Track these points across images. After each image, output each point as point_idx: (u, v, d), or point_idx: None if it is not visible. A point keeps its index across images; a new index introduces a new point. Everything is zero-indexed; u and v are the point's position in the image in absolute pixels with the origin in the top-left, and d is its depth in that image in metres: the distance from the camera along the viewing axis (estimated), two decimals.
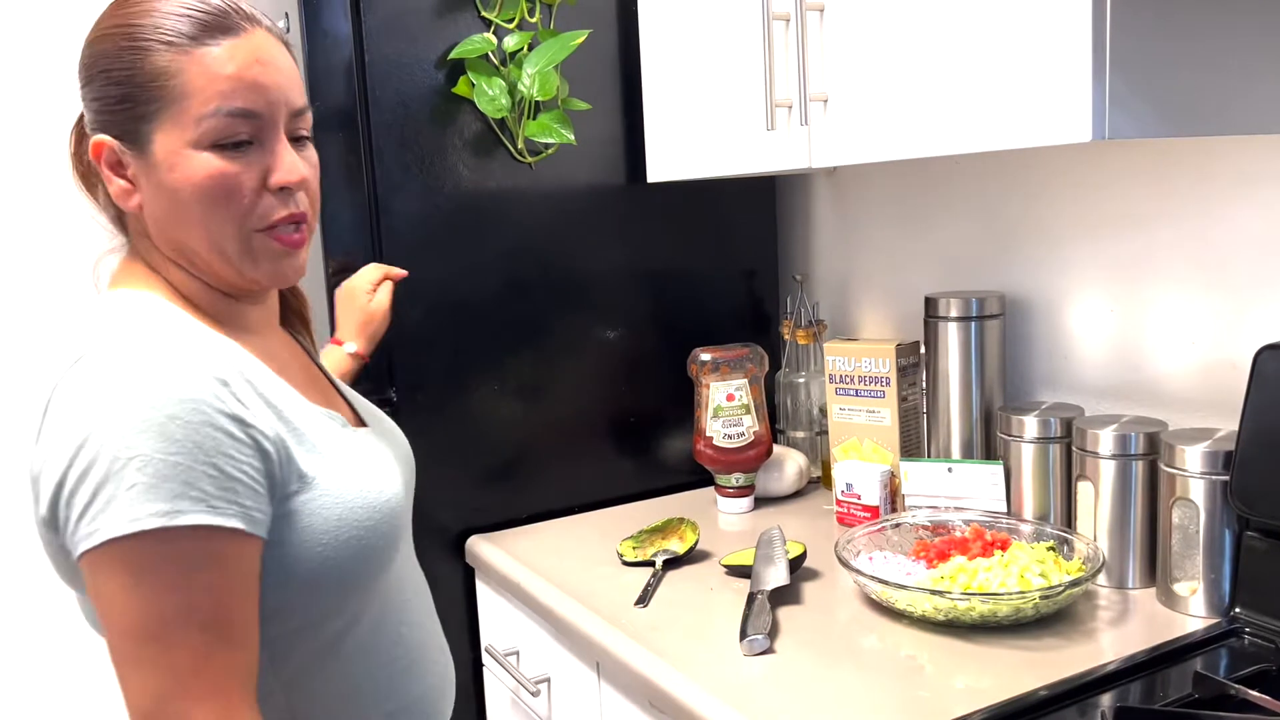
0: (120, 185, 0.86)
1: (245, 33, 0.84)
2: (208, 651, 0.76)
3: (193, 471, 0.75)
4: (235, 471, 0.77)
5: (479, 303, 1.57)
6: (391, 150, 1.48)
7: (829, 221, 1.82)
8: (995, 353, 1.45)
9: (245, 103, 0.83)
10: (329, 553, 0.83)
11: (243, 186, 0.85)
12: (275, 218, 0.86)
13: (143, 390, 0.76)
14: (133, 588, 0.75)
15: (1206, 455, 1.13)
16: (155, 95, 0.82)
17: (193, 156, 0.83)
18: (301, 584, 0.83)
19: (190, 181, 0.83)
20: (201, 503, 0.75)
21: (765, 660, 1.12)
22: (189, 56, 0.82)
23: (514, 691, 1.50)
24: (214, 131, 0.82)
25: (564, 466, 1.66)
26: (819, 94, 1.23)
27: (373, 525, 0.87)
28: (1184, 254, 1.28)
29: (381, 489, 0.89)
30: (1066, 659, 1.07)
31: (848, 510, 1.51)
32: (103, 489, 0.74)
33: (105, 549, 0.74)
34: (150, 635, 0.75)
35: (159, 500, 0.74)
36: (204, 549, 0.76)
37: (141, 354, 0.78)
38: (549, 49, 1.50)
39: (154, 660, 0.75)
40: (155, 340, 0.80)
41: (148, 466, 0.74)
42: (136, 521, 0.73)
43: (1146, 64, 0.96)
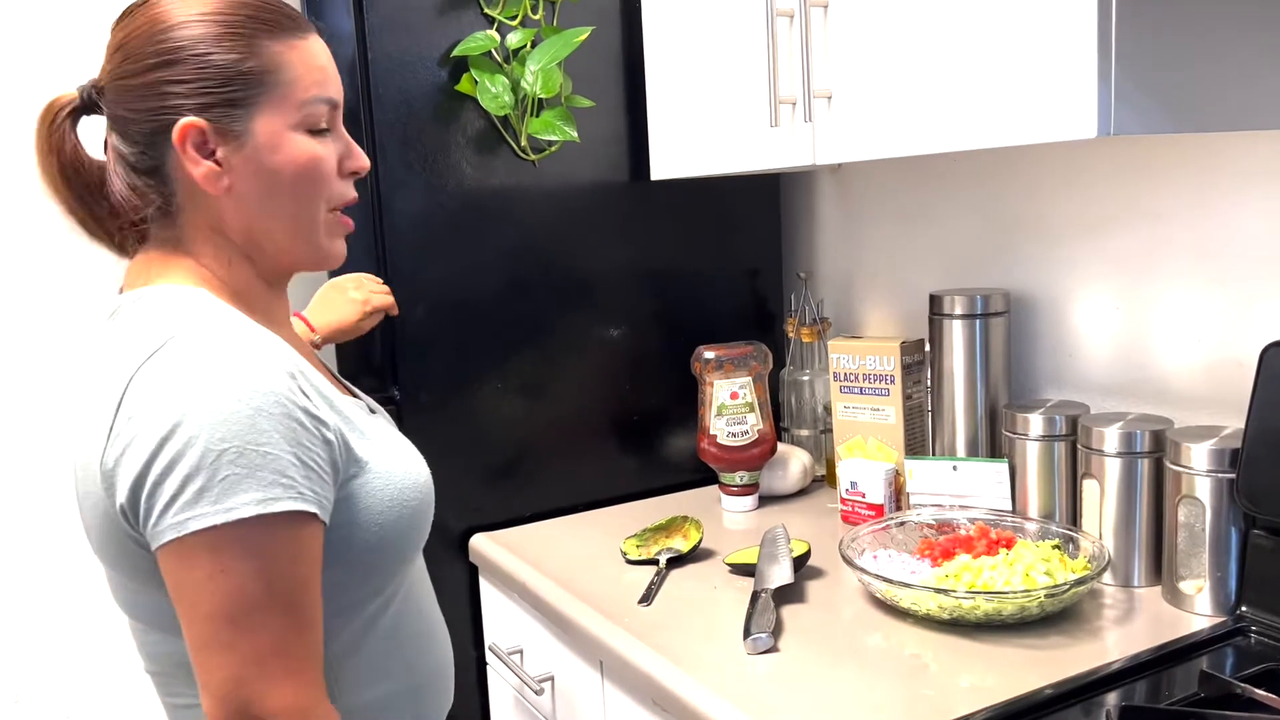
0: (209, 167, 0.88)
1: (313, 33, 0.94)
2: (287, 634, 0.79)
3: (281, 460, 0.79)
4: (310, 460, 0.81)
5: (482, 301, 1.56)
6: (394, 148, 1.48)
7: (833, 219, 1.82)
8: (1000, 350, 1.44)
9: (334, 93, 0.92)
10: (384, 532, 0.89)
11: (332, 169, 0.93)
12: (348, 199, 0.96)
13: (228, 383, 0.78)
14: (220, 574, 0.77)
15: (1213, 453, 1.13)
16: (261, 80, 0.87)
17: (294, 138, 0.89)
18: (356, 564, 0.88)
19: (294, 161, 0.89)
20: (291, 489, 0.79)
21: (769, 659, 1.11)
22: (291, 48, 0.89)
23: (518, 690, 1.50)
24: (312, 117, 0.90)
25: (567, 465, 1.66)
26: (823, 90, 1.23)
27: (418, 502, 0.93)
28: (1190, 251, 1.28)
29: (420, 468, 0.96)
30: (1072, 658, 1.07)
31: (852, 508, 1.50)
32: (193, 479, 0.77)
33: (195, 537, 0.77)
34: (233, 619, 0.78)
35: (254, 489, 0.77)
36: (289, 535, 0.79)
37: (221, 348, 0.81)
38: (552, 46, 1.49)
39: (235, 644, 0.78)
40: (231, 334, 0.83)
41: (241, 458, 0.77)
42: (232, 511, 0.76)
43: (1152, 60, 0.95)
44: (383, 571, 0.92)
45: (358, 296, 1.41)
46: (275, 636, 0.79)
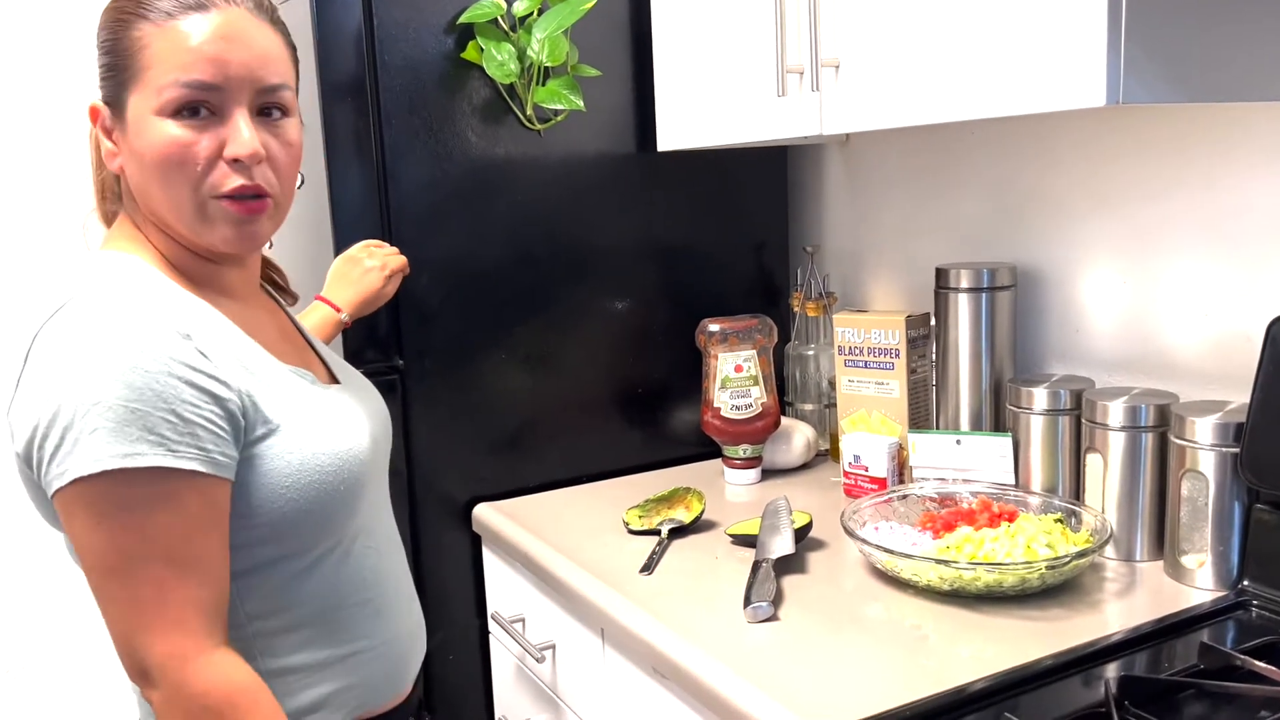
0: (108, 148, 0.92)
1: (218, 9, 0.89)
2: (167, 584, 0.82)
3: (151, 417, 0.81)
4: (194, 416, 0.83)
5: (486, 271, 1.56)
6: (400, 116, 1.47)
7: (840, 193, 1.81)
8: (1006, 325, 1.43)
9: (203, 75, 0.87)
10: (291, 494, 0.89)
11: (198, 155, 0.88)
12: (229, 187, 0.90)
13: (108, 341, 0.81)
14: (96, 526, 0.81)
15: (1217, 427, 1.12)
16: (130, 64, 0.88)
17: (155, 123, 0.88)
18: (265, 523, 0.89)
19: (151, 146, 0.88)
20: (160, 446, 0.81)
21: (769, 627, 1.12)
22: (160, 29, 0.87)
23: (519, 658, 1.50)
24: (172, 101, 0.87)
25: (571, 436, 1.66)
26: (830, 59, 1.22)
27: (334, 471, 0.92)
28: (1198, 225, 1.27)
29: (345, 439, 0.94)
30: (1072, 629, 1.07)
31: (855, 482, 1.50)
32: (69, 432, 0.80)
33: (72, 488, 0.81)
34: (113, 569, 0.82)
35: (119, 443, 0.80)
36: (162, 489, 0.82)
37: (110, 309, 0.84)
38: (559, 13, 1.48)
39: (118, 594, 0.82)
40: (125, 297, 0.86)
41: (109, 412, 0.80)
42: (98, 462, 0.80)
43: (1162, 29, 0.94)
44: (299, 535, 0.91)
45: (375, 264, 1.41)
46: (154, 587, 0.81)
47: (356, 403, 1.01)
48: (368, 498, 0.98)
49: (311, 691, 0.94)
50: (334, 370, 1.07)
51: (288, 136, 0.93)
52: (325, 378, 1.04)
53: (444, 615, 1.59)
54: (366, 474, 0.96)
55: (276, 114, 0.92)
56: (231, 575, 0.88)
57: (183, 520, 0.82)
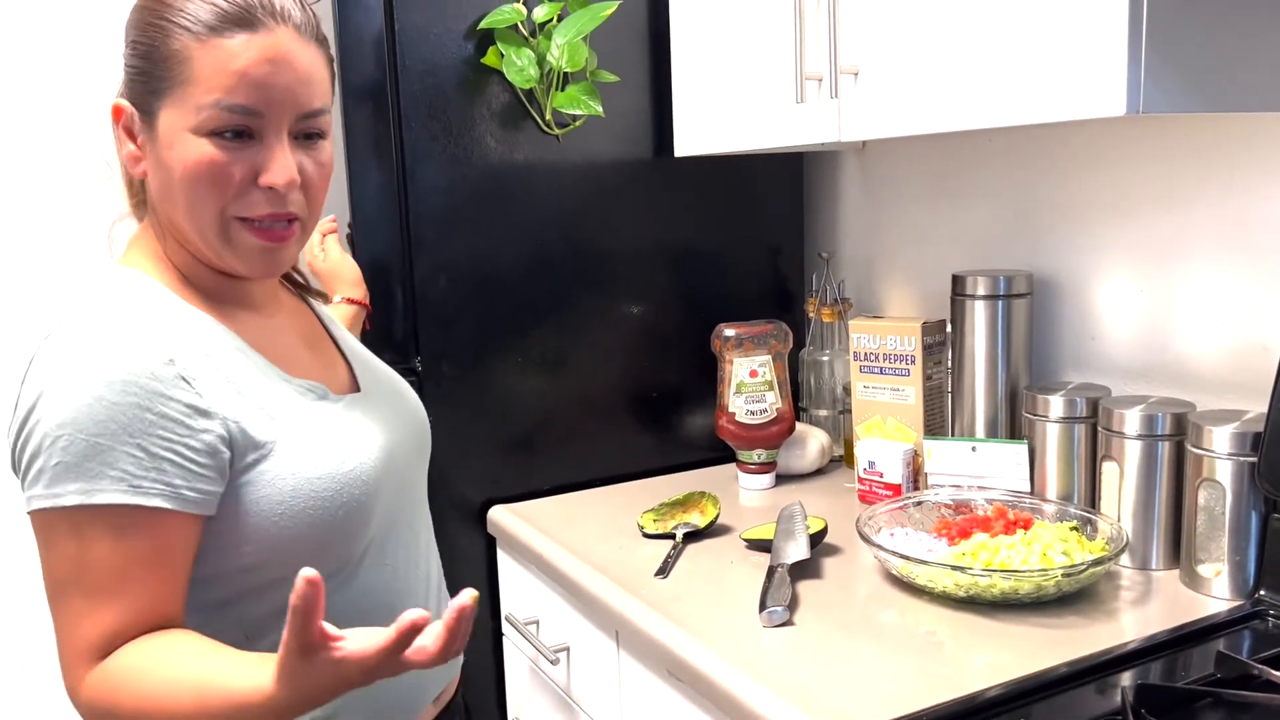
0: (130, 150, 0.90)
1: (265, 29, 0.85)
2: (82, 616, 0.81)
3: (114, 453, 0.80)
4: (163, 451, 0.81)
5: (504, 274, 1.57)
6: (420, 120, 1.48)
7: (856, 199, 1.81)
8: (1022, 332, 1.44)
9: (246, 99, 0.84)
10: (285, 521, 0.87)
11: (231, 177, 0.86)
12: (259, 213, 0.88)
13: (81, 370, 0.81)
14: (44, 554, 0.83)
15: (1235, 436, 1.12)
16: (166, 75, 0.85)
17: (190, 140, 0.85)
18: (259, 549, 0.87)
19: (182, 162, 0.86)
20: (122, 481, 0.80)
21: (784, 632, 1.12)
22: (203, 45, 0.84)
23: (533, 660, 1.51)
24: (211, 121, 0.84)
25: (586, 440, 1.66)
26: (850, 67, 1.23)
27: (331, 495, 0.89)
28: (1216, 233, 1.27)
29: (346, 458, 0.91)
30: (1087, 637, 1.07)
31: (869, 488, 1.51)
32: (35, 461, 0.81)
33: (32, 516, 0.82)
34: (50, 597, 0.84)
35: (79, 479, 0.79)
36: (116, 523, 0.81)
37: (92, 334, 0.83)
38: (578, 20, 1.49)
39: (54, 620, 0.83)
40: (111, 321, 0.85)
41: (72, 446, 0.79)
42: (58, 498, 0.80)
43: (1183, 37, 0.94)
44: (295, 560, 0.84)
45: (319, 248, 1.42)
46: (70, 619, 0.82)
47: (374, 412, 0.98)
48: (377, 516, 0.94)
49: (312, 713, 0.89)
50: (359, 374, 1.03)
51: (321, 158, 0.91)
52: (346, 384, 1.01)
53: None
54: (373, 493, 0.93)
55: (316, 137, 0.90)
56: (229, 599, 0.88)
57: (125, 555, 0.81)
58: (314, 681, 0.73)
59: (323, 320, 1.08)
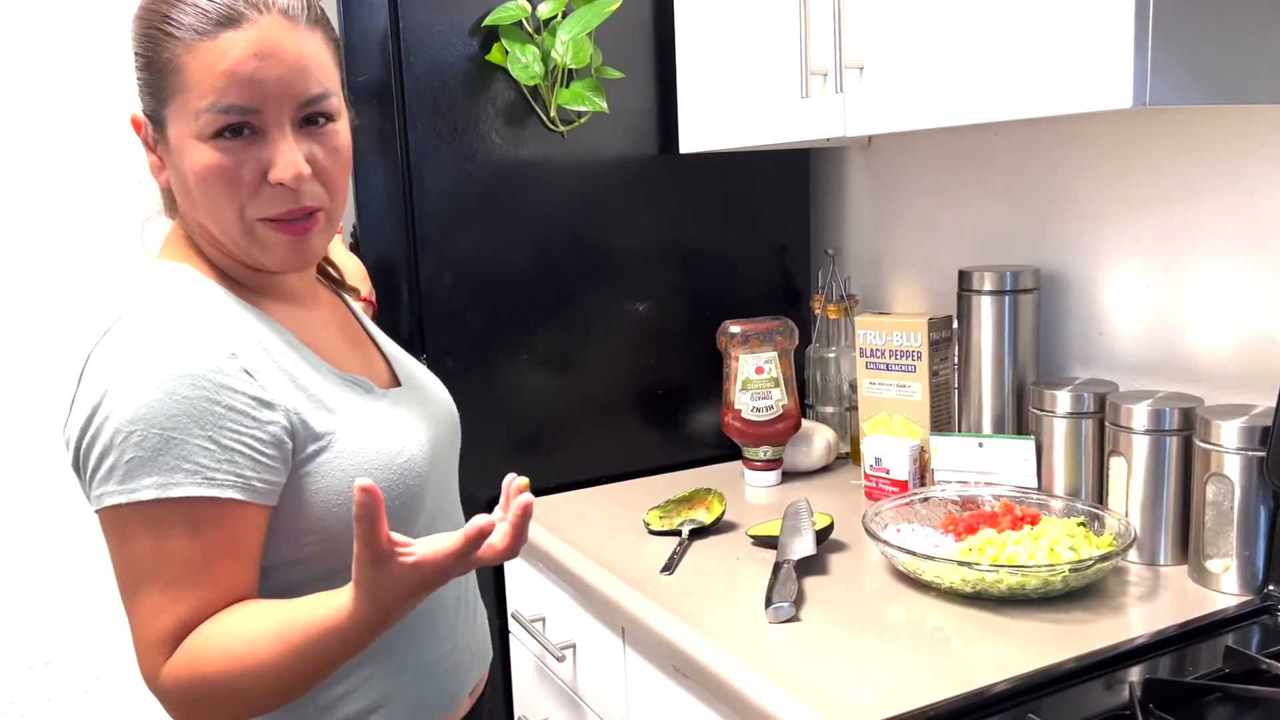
0: (153, 160, 0.91)
1: (249, 23, 0.83)
2: (160, 610, 0.82)
3: (187, 445, 0.80)
4: (233, 443, 0.82)
5: (509, 271, 1.57)
6: (424, 118, 1.48)
7: (862, 195, 1.81)
8: (1029, 327, 1.43)
9: (240, 99, 0.83)
10: (343, 511, 0.87)
11: (241, 178, 0.86)
12: (275, 211, 0.87)
13: (149, 365, 0.81)
14: (120, 547, 0.83)
15: (1243, 430, 1.11)
16: (165, 85, 0.85)
17: (195, 147, 0.85)
18: (317, 540, 0.89)
19: (193, 170, 0.86)
20: (196, 474, 0.81)
21: (790, 628, 1.12)
22: (190, 50, 0.83)
23: (539, 657, 1.51)
24: (210, 126, 0.84)
25: (592, 437, 1.66)
26: (855, 61, 1.22)
27: (388, 486, 0.90)
28: (1223, 228, 1.26)
29: (400, 450, 0.93)
30: (1095, 632, 1.06)
31: (876, 484, 1.50)
32: (106, 458, 0.81)
33: (105, 512, 0.82)
34: (128, 589, 0.83)
35: (154, 474, 0.80)
36: (192, 516, 0.81)
37: (155, 329, 0.83)
38: (583, 16, 1.49)
39: (129, 613, 0.84)
40: (172, 316, 0.85)
41: (145, 440, 0.80)
42: (134, 493, 0.80)
43: (1190, 29, 0.94)
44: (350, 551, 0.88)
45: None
46: (148, 612, 0.82)
47: (416, 407, 1.00)
48: (427, 507, 0.96)
49: (358, 704, 0.92)
50: (398, 371, 1.04)
51: (335, 142, 0.90)
52: (386, 379, 1.02)
53: None
54: (423, 484, 0.94)
55: (322, 121, 0.88)
56: (286, 589, 0.87)
57: (202, 546, 0.82)
58: (391, 589, 0.76)
59: (356, 315, 1.09)
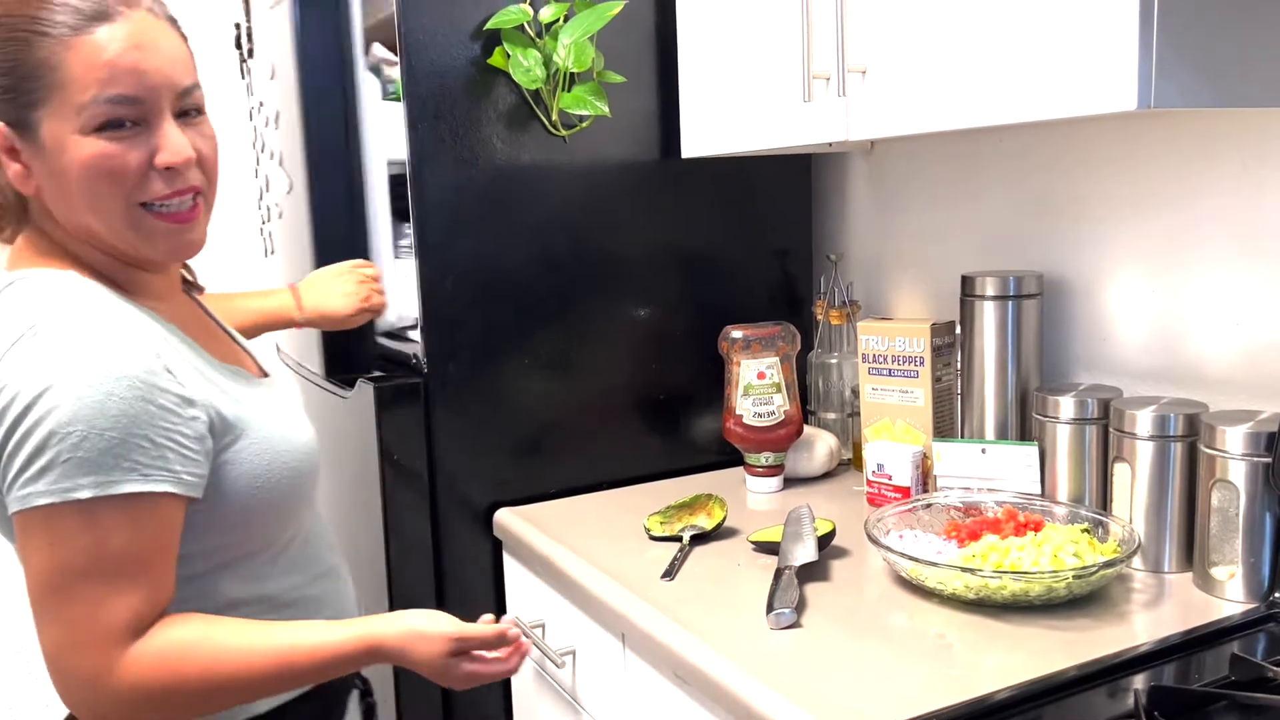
0: (16, 169, 0.90)
1: (121, 17, 0.87)
2: (104, 602, 0.84)
3: (126, 445, 0.83)
4: (165, 440, 0.85)
5: (510, 277, 1.56)
6: (426, 121, 1.48)
7: (864, 201, 1.80)
8: (1032, 333, 1.42)
9: (124, 89, 0.86)
10: (266, 492, 0.94)
11: (128, 167, 0.88)
12: (161, 193, 0.90)
13: (84, 367, 0.83)
14: (50, 546, 0.83)
15: (1248, 436, 1.11)
16: (38, 85, 0.86)
17: (79, 142, 0.87)
18: (240, 522, 0.95)
19: (77, 163, 0.87)
20: (134, 471, 0.83)
21: (792, 634, 1.11)
22: (68, 47, 0.85)
23: (539, 663, 1.50)
24: (96, 118, 0.86)
25: (593, 442, 1.65)
26: (857, 65, 1.22)
27: (299, 465, 0.98)
28: (1229, 233, 1.26)
29: (301, 431, 1.01)
30: (1099, 639, 1.06)
31: (878, 491, 1.49)
32: (39, 457, 0.82)
33: (33, 512, 0.82)
34: (56, 589, 0.83)
35: (94, 472, 0.82)
36: (128, 512, 0.84)
37: (81, 334, 0.85)
38: (585, 20, 1.49)
39: (55, 612, 0.84)
40: (92, 320, 0.87)
41: (85, 441, 0.81)
42: (70, 492, 0.82)
43: (1195, 30, 0.93)
44: (270, 528, 0.98)
45: (353, 291, 1.43)
46: (89, 604, 0.83)
47: (285, 392, 1.09)
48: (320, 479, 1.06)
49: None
50: (258, 360, 1.11)
51: (209, 131, 0.95)
52: (255, 368, 1.08)
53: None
54: (318, 460, 1.03)
55: (195, 113, 0.93)
56: (208, 570, 0.93)
57: (139, 539, 0.84)
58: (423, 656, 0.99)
59: (207, 311, 1.12)
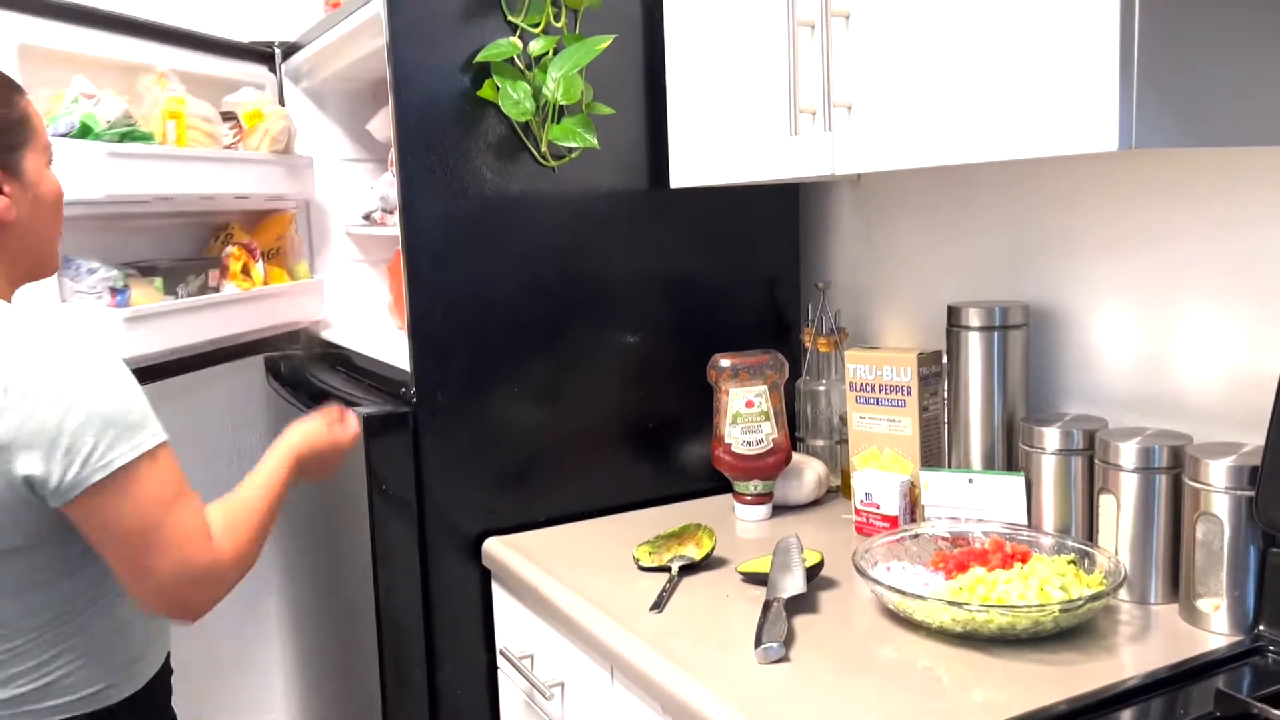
0: (2, 202, 1.09)
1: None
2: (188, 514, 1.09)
3: (146, 410, 1.09)
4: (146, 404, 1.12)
5: (500, 305, 1.57)
6: (416, 152, 1.49)
7: (852, 229, 1.82)
8: (1018, 363, 1.43)
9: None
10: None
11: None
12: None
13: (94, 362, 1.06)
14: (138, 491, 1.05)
15: (1232, 470, 1.12)
16: (24, 128, 1.12)
17: (47, 172, 1.16)
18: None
19: (53, 190, 1.17)
20: (152, 427, 1.08)
21: (780, 669, 1.11)
22: (27, 100, 1.13)
23: (528, 694, 1.50)
24: (49, 153, 1.17)
25: (582, 470, 1.66)
26: (843, 101, 1.23)
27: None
28: (1212, 266, 1.27)
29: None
30: (1086, 673, 1.06)
31: (866, 520, 1.50)
32: (105, 432, 1.03)
33: (115, 475, 1.04)
34: (155, 522, 1.06)
35: (142, 429, 1.07)
36: (164, 452, 1.09)
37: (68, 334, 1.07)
38: (574, 53, 1.50)
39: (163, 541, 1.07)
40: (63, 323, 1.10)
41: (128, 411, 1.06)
42: (138, 447, 1.05)
43: (1174, 73, 0.95)
44: None
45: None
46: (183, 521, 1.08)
47: None
48: None
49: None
50: None
51: None
52: None
53: (453, 650, 1.58)
54: None
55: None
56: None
57: (174, 470, 1.10)
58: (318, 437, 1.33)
59: None
